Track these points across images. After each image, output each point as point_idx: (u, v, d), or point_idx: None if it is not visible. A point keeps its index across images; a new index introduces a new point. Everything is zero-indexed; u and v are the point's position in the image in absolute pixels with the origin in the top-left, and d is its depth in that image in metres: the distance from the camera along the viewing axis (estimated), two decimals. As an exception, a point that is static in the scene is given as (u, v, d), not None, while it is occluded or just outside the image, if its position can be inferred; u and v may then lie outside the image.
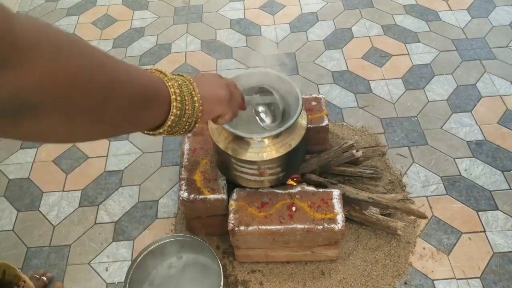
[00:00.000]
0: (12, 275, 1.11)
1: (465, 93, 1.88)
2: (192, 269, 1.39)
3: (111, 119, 0.44)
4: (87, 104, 0.39)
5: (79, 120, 0.40)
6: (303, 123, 1.23)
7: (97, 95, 0.40)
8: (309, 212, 1.26)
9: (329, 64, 2.05)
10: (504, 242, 1.43)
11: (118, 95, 0.43)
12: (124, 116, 0.45)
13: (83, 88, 0.38)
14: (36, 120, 0.36)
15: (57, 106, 0.36)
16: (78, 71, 0.37)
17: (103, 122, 0.43)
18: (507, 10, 2.25)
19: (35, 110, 0.35)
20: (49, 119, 0.37)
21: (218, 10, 2.39)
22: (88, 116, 0.40)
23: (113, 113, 0.43)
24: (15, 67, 0.31)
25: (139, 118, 0.48)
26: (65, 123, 0.39)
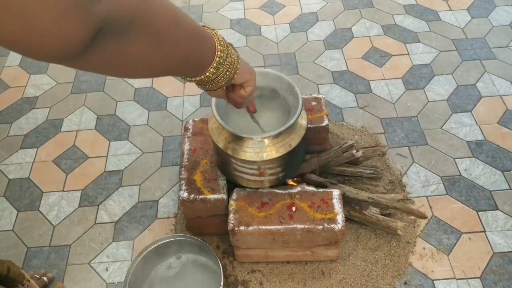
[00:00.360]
0: (16, 273, 1.11)
1: (465, 93, 1.88)
2: (192, 269, 1.39)
3: (177, 47, 0.53)
4: (165, 28, 0.49)
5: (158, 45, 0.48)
6: (303, 123, 1.23)
7: (171, 22, 0.50)
8: (309, 212, 1.26)
9: (329, 64, 2.05)
10: (504, 242, 1.43)
11: (183, 25, 0.53)
12: (185, 45, 0.55)
13: (163, 15, 0.48)
14: (130, 43, 0.44)
15: (145, 26, 0.45)
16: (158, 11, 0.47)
17: (173, 48, 0.52)
18: (507, 10, 2.25)
19: (131, 30, 0.43)
20: (140, 41, 0.45)
21: (218, 10, 2.39)
22: (165, 41, 0.49)
23: (179, 42, 0.53)
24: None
25: (196, 50, 0.59)
26: (150, 46, 0.47)
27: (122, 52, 0.44)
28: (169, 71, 0.58)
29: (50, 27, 0.32)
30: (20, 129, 1.89)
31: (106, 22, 0.38)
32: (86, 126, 1.88)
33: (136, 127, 1.87)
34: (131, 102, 1.96)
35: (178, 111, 1.91)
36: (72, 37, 0.35)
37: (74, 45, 0.36)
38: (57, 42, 0.34)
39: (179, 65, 0.58)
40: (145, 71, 0.53)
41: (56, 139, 1.84)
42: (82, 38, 0.36)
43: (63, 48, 0.35)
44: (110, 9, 0.38)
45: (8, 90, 2.07)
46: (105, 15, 0.37)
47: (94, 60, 0.41)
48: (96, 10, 0.35)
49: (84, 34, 0.35)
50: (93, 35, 0.37)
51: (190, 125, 1.51)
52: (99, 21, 0.36)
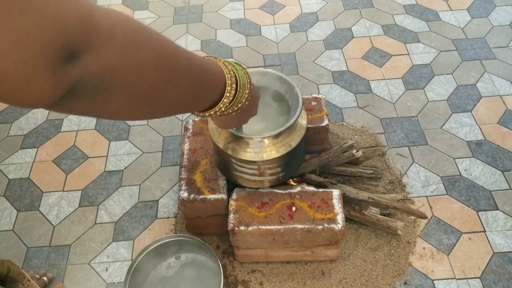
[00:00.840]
0: (16, 273, 1.11)
1: (465, 93, 1.88)
2: (192, 269, 1.39)
3: (171, 100, 0.49)
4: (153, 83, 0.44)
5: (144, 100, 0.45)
6: (303, 123, 1.23)
7: (161, 80, 0.45)
8: (309, 212, 1.26)
9: (329, 64, 2.05)
10: (504, 242, 1.43)
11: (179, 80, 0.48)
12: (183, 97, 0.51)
13: (150, 73, 0.43)
14: (107, 100, 0.40)
15: (126, 87, 0.41)
16: (146, 59, 0.42)
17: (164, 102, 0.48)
18: (507, 10, 2.25)
19: (108, 91, 0.39)
20: (118, 99, 0.41)
21: (218, 10, 2.39)
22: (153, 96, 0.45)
23: (172, 95, 0.48)
24: (93, 51, 0.35)
25: (196, 99, 0.54)
26: (131, 103, 0.43)
27: (97, 108, 0.41)
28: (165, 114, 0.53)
29: (15, 89, 0.32)
30: (20, 129, 1.89)
31: (81, 83, 0.36)
32: (86, 126, 1.88)
33: (136, 127, 1.87)
34: (131, 102, 1.96)
35: (178, 111, 1.90)
36: (43, 95, 0.34)
37: (46, 101, 0.35)
38: (29, 97, 0.34)
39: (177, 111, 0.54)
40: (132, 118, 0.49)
41: (56, 139, 1.84)
42: (49, 99, 0.35)
43: (35, 102, 0.35)
44: (87, 72, 0.36)
45: (8, 90, 2.06)
46: (80, 77, 0.36)
47: (67, 111, 0.40)
48: (67, 74, 0.34)
49: (51, 96, 0.35)
50: (61, 95, 0.36)
51: (190, 125, 1.51)
52: (70, 84, 0.35)
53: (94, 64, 0.36)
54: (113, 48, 0.37)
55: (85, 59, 0.35)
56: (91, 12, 0.35)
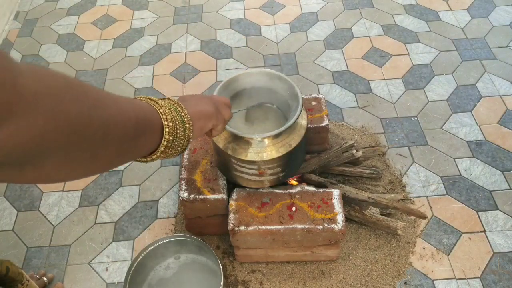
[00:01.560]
0: (15, 272, 1.11)
1: (465, 93, 1.88)
2: (192, 269, 1.39)
3: (109, 154, 0.45)
4: (86, 145, 0.40)
5: (78, 161, 0.41)
6: (303, 123, 1.23)
7: (95, 135, 0.41)
8: (309, 212, 1.26)
9: (329, 64, 2.05)
10: (504, 242, 1.43)
11: (113, 131, 0.44)
12: (121, 149, 0.46)
13: (82, 131, 0.39)
14: (38, 167, 0.37)
15: (58, 152, 0.37)
16: (76, 116, 0.38)
17: (101, 158, 0.44)
18: (507, 10, 2.25)
19: (38, 158, 0.36)
20: (51, 165, 0.38)
21: (218, 10, 2.39)
22: (87, 155, 0.42)
23: (110, 148, 0.44)
24: (19, 119, 0.32)
25: (135, 147, 0.50)
26: (65, 166, 0.40)
27: (26, 176, 0.38)
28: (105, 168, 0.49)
29: None
30: (20, 129, 1.89)
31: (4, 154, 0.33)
32: (86, 126, 1.88)
33: (136, 127, 1.86)
34: (131, 102, 1.96)
35: (178, 111, 1.90)
36: None
37: None
38: None
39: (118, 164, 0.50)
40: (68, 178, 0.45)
41: (56, 139, 1.84)
42: None
43: None
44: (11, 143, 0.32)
45: (8, 90, 2.06)
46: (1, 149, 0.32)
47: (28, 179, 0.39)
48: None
49: None
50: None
51: (190, 125, 1.50)
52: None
53: (21, 133, 0.32)
54: (42, 113, 0.33)
55: (6, 129, 0.31)
56: (13, 77, 0.31)
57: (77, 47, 2.25)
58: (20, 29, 2.39)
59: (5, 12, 2.42)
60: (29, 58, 2.21)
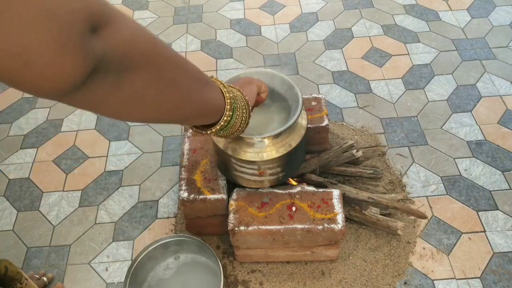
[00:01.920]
0: (14, 271, 1.11)
1: (465, 93, 1.88)
2: (191, 269, 1.39)
3: (181, 84, 0.52)
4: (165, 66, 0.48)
5: (160, 89, 0.48)
6: (303, 123, 1.23)
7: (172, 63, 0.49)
8: (309, 212, 1.26)
9: (329, 64, 2.05)
10: (504, 242, 1.43)
11: (185, 66, 0.53)
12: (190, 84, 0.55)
13: (160, 54, 0.47)
14: (130, 81, 0.43)
15: (147, 61, 0.44)
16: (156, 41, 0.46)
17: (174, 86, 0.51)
18: (507, 10, 2.25)
19: (130, 69, 0.42)
20: (140, 82, 0.44)
21: (218, 10, 2.39)
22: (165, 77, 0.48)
23: (182, 79, 0.52)
24: (112, 25, 0.39)
25: (199, 92, 0.58)
26: (154, 82, 0.46)
27: (122, 88, 0.43)
28: (177, 114, 0.56)
29: (48, 64, 0.33)
30: (20, 129, 1.89)
31: (106, 58, 0.38)
32: (86, 126, 1.88)
33: (136, 127, 1.87)
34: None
35: (178, 111, 1.91)
36: (69, 73, 0.35)
37: (71, 80, 0.36)
38: (55, 78, 0.34)
39: (186, 107, 0.56)
40: (148, 111, 0.50)
41: (56, 139, 1.84)
42: (79, 74, 0.36)
43: (61, 84, 0.35)
44: (109, 45, 0.38)
45: (8, 90, 2.07)
46: (103, 51, 0.37)
47: (94, 97, 0.41)
48: (93, 47, 0.36)
49: (82, 70, 0.36)
50: (90, 70, 0.37)
51: (190, 125, 1.50)
52: (97, 58, 0.37)
53: (116, 36, 0.39)
54: (128, 25, 0.41)
55: (105, 32, 0.37)
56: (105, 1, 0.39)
57: (77, 47, 2.25)
58: (20, 29, 2.39)
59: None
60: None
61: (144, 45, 0.44)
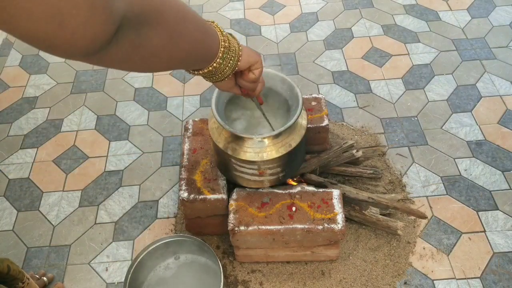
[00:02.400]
0: (16, 271, 1.11)
1: (465, 93, 1.88)
2: (192, 269, 1.39)
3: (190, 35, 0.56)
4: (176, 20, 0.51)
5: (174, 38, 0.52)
6: (303, 123, 1.23)
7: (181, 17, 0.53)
8: (309, 212, 1.26)
9: (329, 64, 2.05)
10: (504, 242, 1.43)
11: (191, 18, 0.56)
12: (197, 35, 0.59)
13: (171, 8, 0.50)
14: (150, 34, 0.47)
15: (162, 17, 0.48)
16: None
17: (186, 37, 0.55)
18: (507, 10, 2.25)
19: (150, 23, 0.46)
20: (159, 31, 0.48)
21: (218, 10, 2.39)
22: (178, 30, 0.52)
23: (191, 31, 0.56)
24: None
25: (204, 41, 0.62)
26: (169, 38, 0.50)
27: (142, 45, 0.47)
28: (182, 62, 0.61)
29: (80, 24, 0.36)
30: (20, 129, 1.89)
31: (126, 16, 0.41)
32: (86, 126, 1.88)
33: (136, 127, 1.87)
34: (131, 102, 1.96)
35: (178, 111, 1.91)
36: (99, 31, 0.38)
37: (101, 38, 0.39)
38: (87, 37, 0.37)
39: (190, 56, 0.60)
40: (161, 63, 0.55)
41: (56, 139, 1.84)
42: (108, 32, 0.39)
43: (92, 43, 0.38)
44: (129, 4, 0.41)
45: (8, 90, 2.07)
46: (125, 9, 0.41)
47: (117, 54, 0.44)
48: (116, 6, 0.39)
49: (109, 28, 0.39)
50: (116, 27, 0.40)
51: (190, 125, 1.51)
52: (120, 15, 0.40)
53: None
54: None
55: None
56: None
57: (77, 47, 2.25)
58: (20, 29, 2.39)
59: (5, 12, 2.42)
60: (30, 58, 2.21)
61: (158, 1, 0.47)
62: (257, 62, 0.80)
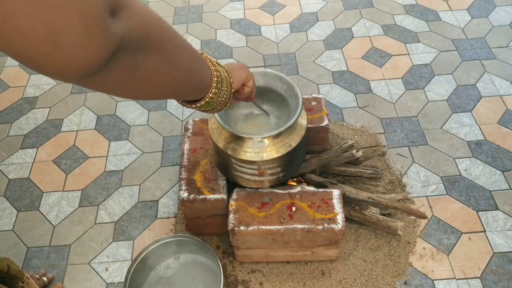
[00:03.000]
0: (16, 270, 1.11)
1: (465, 93, 1.88)
2: (192, 269, 1.39)
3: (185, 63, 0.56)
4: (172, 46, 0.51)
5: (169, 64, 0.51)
6: (303, 123, 1.23)
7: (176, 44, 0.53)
8: (309, 212, 1.26)
9: (329, 64, 2.05)
10: (504, 242, 1.43)
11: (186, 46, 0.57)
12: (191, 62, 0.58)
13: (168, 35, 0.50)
14: (146, 59, 0.46)
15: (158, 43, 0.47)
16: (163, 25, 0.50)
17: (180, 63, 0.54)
18: (507, 10, 2.25)
19: (145, 49, 0.45)
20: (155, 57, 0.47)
21: (218, 10, 2.39)
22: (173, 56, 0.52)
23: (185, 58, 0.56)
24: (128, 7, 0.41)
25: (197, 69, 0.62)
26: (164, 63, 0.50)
27: (138, 71, 0.46)
28: (178, 90, 0.60)
29: (75, 45, 0.35)
30: (20, 129, 1.89)
31: (124, 39, 0.40)
32: (86, 126, 1.88)
33: (136, 127, 1.87)
34: (131, 102, 1.96)
35: (178, 111, 1.91)
36: (93, 54, 0.37)
37: (96, 61, 0.37)
38: (81, 59, 0.36)
39: (185, 84, 0.60)
40: (156, 90, 0.54)
41: (56, 139, 1.84)
42: (103, 54, 0.38)
43: (86, 65, 0.37)
44: (127, 27, 0.41)
45: (8, 90, 2.07)
46: (123, 32, 0.40)
47: (112, 79, 0.43)
48: (114, 28, 0.38)
49: (105, 51, 0.38)
50: (112, 51, 0.39)
51: (190, 125, 1.51)
52: (118, 40, 0.39)
53: (132, 19, 0.41)
54: (140, 8, 0.44)
55: (124, 14, 0.40)
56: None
57: (77, 47, 2.25)
58: (20, 29, 2.39)
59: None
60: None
61: (155, 28, 0.47)
62: (247, 75, 0.79)
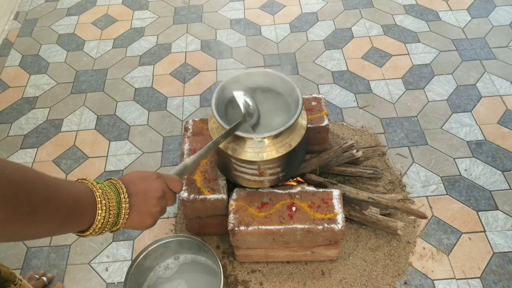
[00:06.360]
0: (7, 273, 1.10)
1: (465, 93, 1.88)
2: (191, 269, 1.39)
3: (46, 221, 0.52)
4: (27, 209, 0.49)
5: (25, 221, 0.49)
6: (303, 123, 1.23)
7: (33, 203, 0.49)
8: (309, 212, 1.26)
9: (329, 64, 2.05)
10: (504, 242, 1.43)
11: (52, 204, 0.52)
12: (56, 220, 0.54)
13: (23, 197, 0.48)
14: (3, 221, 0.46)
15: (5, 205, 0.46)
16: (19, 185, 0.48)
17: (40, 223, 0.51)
18: (507, 10, 2.25)
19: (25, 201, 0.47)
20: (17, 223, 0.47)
21: (218, 10, 2.39)
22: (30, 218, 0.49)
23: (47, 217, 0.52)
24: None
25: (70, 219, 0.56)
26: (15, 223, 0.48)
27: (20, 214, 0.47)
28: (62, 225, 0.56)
29: None
30: (20, 129, 1.89)
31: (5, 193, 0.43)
32: (86, 126, 1.88)
33: (136, 127, 1.87)
34: (131, 102, 1.96)
35: (178, 111, 1.91)
36: None
37: None
38: None
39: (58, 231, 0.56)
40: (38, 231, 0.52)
41: (56, 139, 1.84)
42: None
43: None
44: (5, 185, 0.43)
45: (8, 90, 2.07)
46: None
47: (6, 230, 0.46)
48: None
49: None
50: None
51: (190, 125, 1.51)
52: None
53: None
54: None
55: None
56: None
57: (77, 47, 2.25)
58: (20, 29, 2.39)
59: (5, 12, 2.42)
60: (29, 58, 2.21)
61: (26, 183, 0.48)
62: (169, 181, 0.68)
